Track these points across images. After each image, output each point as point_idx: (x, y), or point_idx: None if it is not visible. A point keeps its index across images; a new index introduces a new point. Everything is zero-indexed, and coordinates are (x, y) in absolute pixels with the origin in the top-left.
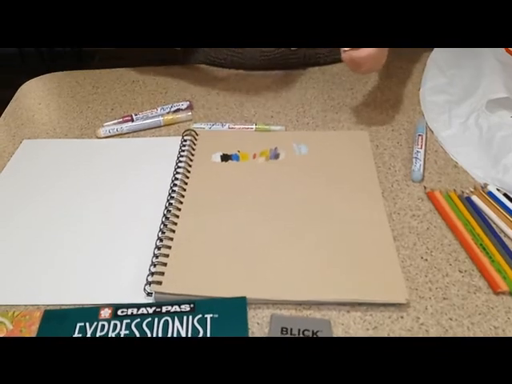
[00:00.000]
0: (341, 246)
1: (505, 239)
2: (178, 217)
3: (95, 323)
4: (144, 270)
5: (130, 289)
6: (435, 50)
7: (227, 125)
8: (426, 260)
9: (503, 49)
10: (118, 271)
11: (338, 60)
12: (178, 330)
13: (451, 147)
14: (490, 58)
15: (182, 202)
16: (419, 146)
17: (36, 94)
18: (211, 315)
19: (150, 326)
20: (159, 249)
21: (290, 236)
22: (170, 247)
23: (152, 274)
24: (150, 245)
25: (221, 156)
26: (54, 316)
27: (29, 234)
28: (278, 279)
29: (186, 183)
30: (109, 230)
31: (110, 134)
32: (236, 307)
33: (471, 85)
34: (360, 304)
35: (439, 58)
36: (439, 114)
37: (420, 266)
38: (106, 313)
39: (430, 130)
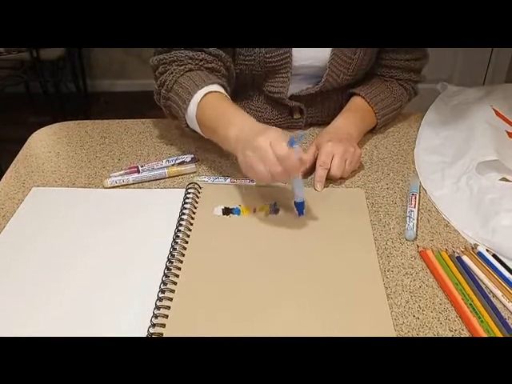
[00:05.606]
0: (335, 302)
1: (493, 299)
2: (179, 269)
3: None
4: (148, 313)
5: (133, 331)
6: (429, 111)
7: (229, 179)
8: (418, 318)
9: (494, 113)
10: (122, 314)
11: None
12: None
13: (443, 207)
14: (482, 121)
15: (183, 254)
16: (412, 206)
17: (46, 142)
18: None
19: None
20: (161, 300)
21: (286, 291)
22: (171, 299)
23: (156, 316)
24: (153, 292)
25: (222, 209)
26: None
27: (36, 281)
28: (275, 331)
29: (189, 235)
30: (113, 277)
31: (116, 185)
32: None
33: (463, 147)
34: None
35: (433, 120)
36: (432, 173)
37: (412, 324)
38: None
39: (424, 189)
